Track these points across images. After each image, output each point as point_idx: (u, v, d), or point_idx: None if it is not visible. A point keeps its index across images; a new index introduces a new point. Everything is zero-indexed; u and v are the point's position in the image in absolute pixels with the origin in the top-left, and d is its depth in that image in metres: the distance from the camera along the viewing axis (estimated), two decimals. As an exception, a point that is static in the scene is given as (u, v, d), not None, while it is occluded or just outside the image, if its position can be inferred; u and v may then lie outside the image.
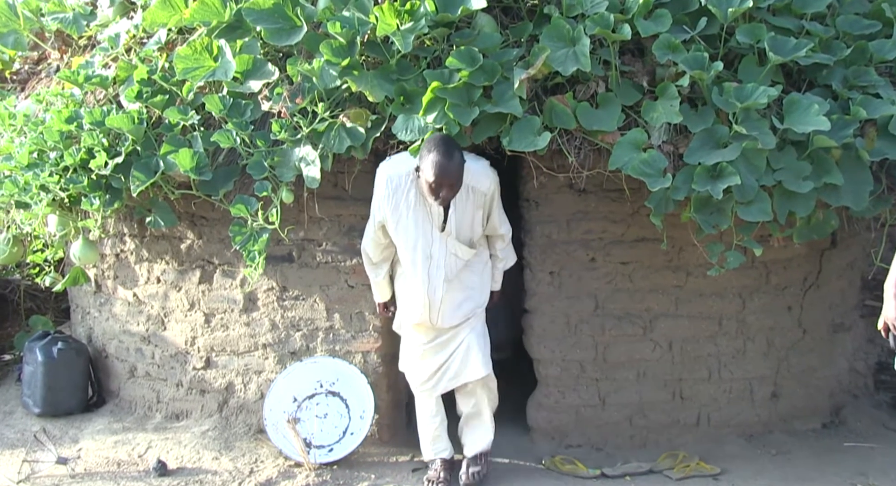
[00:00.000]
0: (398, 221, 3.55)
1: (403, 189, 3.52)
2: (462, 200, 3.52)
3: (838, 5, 3.95)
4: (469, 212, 3.56)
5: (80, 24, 4.66)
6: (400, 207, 3.53)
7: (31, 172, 4.11)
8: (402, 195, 3.52)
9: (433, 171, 3.29)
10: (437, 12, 3.60)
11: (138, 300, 4.57)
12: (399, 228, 3.55)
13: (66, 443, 4.32)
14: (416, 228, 3.54)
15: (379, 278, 3.81)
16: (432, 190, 3.34)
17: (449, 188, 3.34)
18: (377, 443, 4.15)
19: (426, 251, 3.56)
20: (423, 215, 3.53)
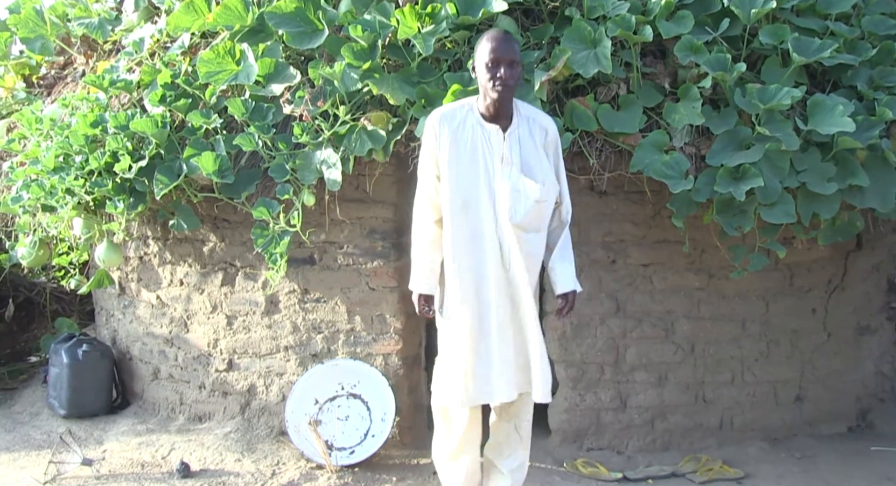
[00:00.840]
0: (458, 156, 3.11)
1: (460, 118, 3.14)
2: (522, 127, 3.15)
3: (863, 5, 3.91)
4: (530, 145, 3.15)
5: (105, 29, 4.71)
6: (458, 138, 3.11)
7: (57, 175, 4.15)
8: (459, 125, 3.13)
9: (490, 46, 3.02)
10: (457, 15, 3.61)
11: (161, 303, 4.61)
12: (458, 163, 3.11)
13: (90, 444, 4.36)
14: (476, 160, 3.11)
15: (432, 252, 3.21)
16: (490, 70, 3.01)
17: (508, 65, 3.01)
18: (398, 445, 4.16)
19: (489, 186, 3.11)
20: (483, 144, 3.11)
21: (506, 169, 3.12)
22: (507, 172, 3.11)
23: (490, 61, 3.01)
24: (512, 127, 3.12)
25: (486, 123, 3.10)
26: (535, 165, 3.14)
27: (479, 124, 3.11)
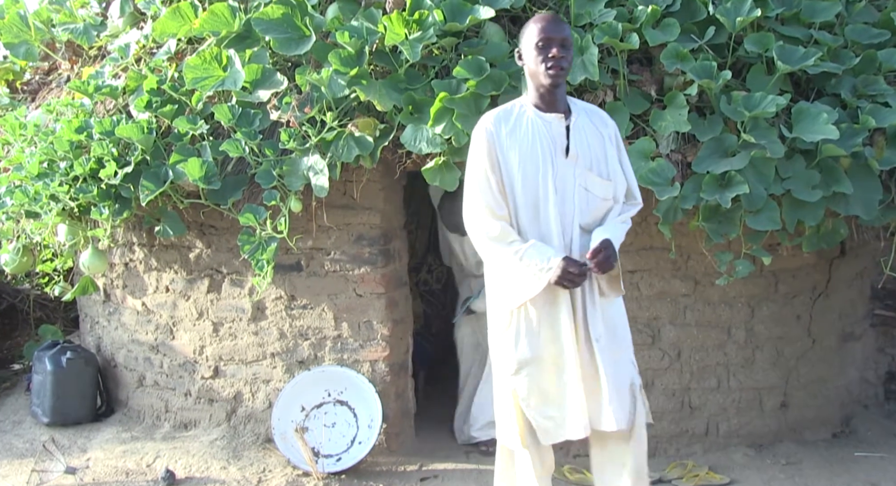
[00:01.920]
0: (520, 155, 2.80)
1: (515, 115, 2.86)
2: (582, 117, 2.89)
3: (847, 14, 3.95)
4: (595, 137, 2.88)
5: (90, 35, 4.69)
6: (517, 136, 2.82)
7: (41, 181, 4.13)
8: (516, 123, 2.84)
9: (539, 26, 2.79)
10: (445, 22, 3.62)
11: (147, 310, 4.58)
12: (522, 162, 2.79)
13: (74, 453, 4.32)
14: (537, 157, 2.80)
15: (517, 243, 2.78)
16: (541, 51, 2.76)
17: (560, 45, 2.76)
18: (385, 452, 4.14)
19: (554, 184, 2.79)
20: (544, 138, 2.81)
21: (570, 163, 2.82)
22: (572, 166, 2.82)
23: (541, 41, 2.76)
24: (573, 117, 2.86)
25: (544, 114, 2.82)
26: (602, 159, 2.87)
27: (538, 116, 2.82)
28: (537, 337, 2.80)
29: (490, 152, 2.82)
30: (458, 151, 3.56)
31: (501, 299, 2.86)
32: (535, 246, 2.75)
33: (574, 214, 2.82)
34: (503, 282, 2.84)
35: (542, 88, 2.81)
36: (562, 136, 2.82)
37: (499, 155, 2.81)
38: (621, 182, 2.92)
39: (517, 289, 2.79)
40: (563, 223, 2.81)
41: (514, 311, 2.82)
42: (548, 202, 2.80)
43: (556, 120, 2.82)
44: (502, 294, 2.85)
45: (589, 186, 2.84)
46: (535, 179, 2.79)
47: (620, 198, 2.93)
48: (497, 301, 2.89)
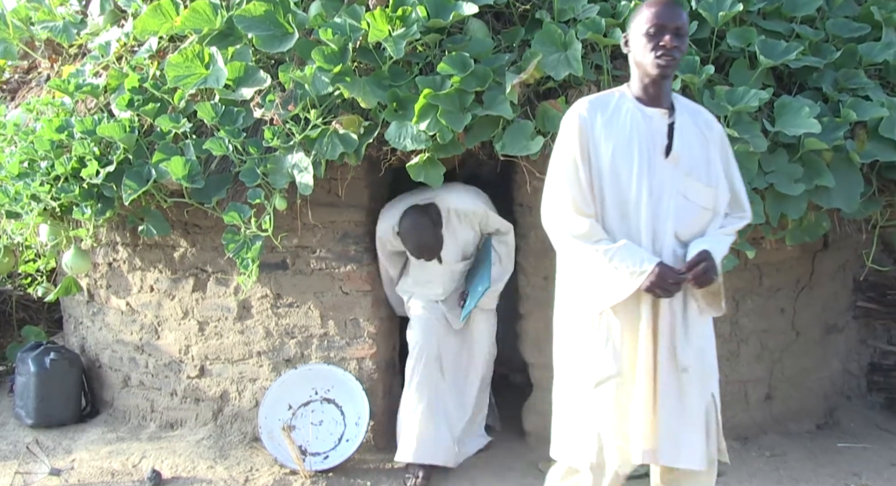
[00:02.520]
0: (614, 149, 2.54)
1: (613, 105, 2.60)
2: (684, 116, 2.62)
3: (828, 9, 3.97)
4: (697, 139, 2.62)
5: (70, 33, 4.65)
6: (613, 128, 2.55)
7: (22, 181, 4.09)
8: (613, 113, 2.57)
9: (651, 11, 2.52)
10: (428, 18, 3.61)
11: (131, 309, 4.55)
12: (615, 158, 2.53)
13: (59, 454, 4.29)
14: (632, 154, 2.54)
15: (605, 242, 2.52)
16: (651, 39, 2.50)
17: (674, 34, 2.50)
18: (373, 450, 4.14)
19: (649, 186, 2.53)
20: (643, 134, 2.55)
21: (669, 165, 2.55)
22: (671, 169, 2.55)
23: (652, 28, 2.48)
24: (676, 115, 2.59)
25: (645, 108, 2.56)
26: (703, 164, 2.59)
27: (638, 109, 2.55)
28: (620, 349, 2.55)
29: (581, 141, 2.55)
30: (443, 148, 3.56)
31: (581, 303, 2.59)
32: (627, 247, 2.48)
33: (668, 220, 2.54)
34: (585, 284, 2.56)
35: (648, 78, 2.54)
36: (662, 134, 2.55)
37: (590, 145, 2.54)
38: (724, 191, 2.64)
39: (602, 292, 2.52)
40: (655, 229, 2.53)
41: (597, 317, 2.56)
42: (640, 205, 2.52)
43: (659, 116, 2.56)
44: (583, 298, 2.58)
45: (688, 193, 2.56)
46: (627, 177, 2.52)
47: (722, 209, 2.65)
48: (575, 306, 2.62)
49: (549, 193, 2.62)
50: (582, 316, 2.60)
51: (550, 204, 2.61)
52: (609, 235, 2.54)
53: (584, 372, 2.60)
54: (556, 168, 2.60)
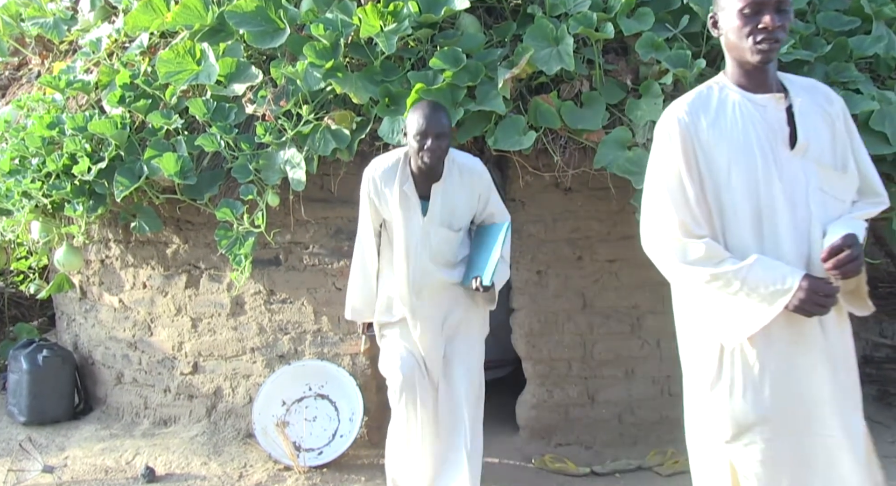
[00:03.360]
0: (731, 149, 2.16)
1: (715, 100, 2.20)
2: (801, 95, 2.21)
3: (818, 2, 3.98)
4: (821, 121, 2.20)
5: (61, 29, 4.64)
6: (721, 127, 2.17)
7: (13, 178, 4.08)
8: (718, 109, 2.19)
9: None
10: (420, 13, 3.61)
11: (124, 306, 4.54)
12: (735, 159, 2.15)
13: (52, 451, 4.28)
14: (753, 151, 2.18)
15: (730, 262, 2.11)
16: (748, 20, 2.14)
17: (775, 11, 2.13)
18: (367, 445, 4.14)
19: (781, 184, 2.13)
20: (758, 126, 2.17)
21: (797, 157, 2.16)
22: (800, 160, 2.16)
23: (747, 7, 2.10)
24: (791, 96, 2.21)
25: (754, 96, 2.16)
26: (831, 147, 2.20)
27: (746, 99, 2.16)
28: (761, 390, 2.10)
29: (686, 151, 2.14)
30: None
31: (708, 338, 2.17)
32: (761, 262, 2.05)
33: (813, 222, 2.12)
34: (711, 315, 2.14)
35: (749, 65, 2.14)
36: (782, 122, 2.14)
37: (698, 154, 2.14)
38: (854, 177, 2.21)
39: (736, 321, 2.07)
40: (797, 237, 2.11)
41: (726, 354, 2.13)
42: (775, 211, 2.11)
43: (773, 102, 2.15)
44: (710, 332, 2.16)
45: (824, 185, 2.14)
46: (753, 183, 2.11)
47: (851, 197, 2.22)
48: (701, 342, 2.20)
49: (651, 216, 2.20)
50: (710, 353, 2.16)
51: (654, 230, 2.20)
52: (736, 253, 2.11)
53: (719, 423, 2.15)
54: (657, 187, 2.19)
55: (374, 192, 3.25)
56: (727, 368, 2.13)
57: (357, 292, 3.41)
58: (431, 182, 3.21)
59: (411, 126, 3.07)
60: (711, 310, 2.13)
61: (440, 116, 3.07)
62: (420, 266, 3.24)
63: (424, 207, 3.22)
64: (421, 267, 3.25)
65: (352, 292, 3.42)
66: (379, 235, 3.35)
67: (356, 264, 3.40)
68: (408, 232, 3.21)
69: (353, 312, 3.45)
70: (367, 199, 3.27)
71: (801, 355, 2.09)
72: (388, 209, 3.24)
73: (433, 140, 3.03)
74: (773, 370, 2.09)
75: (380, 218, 3.30)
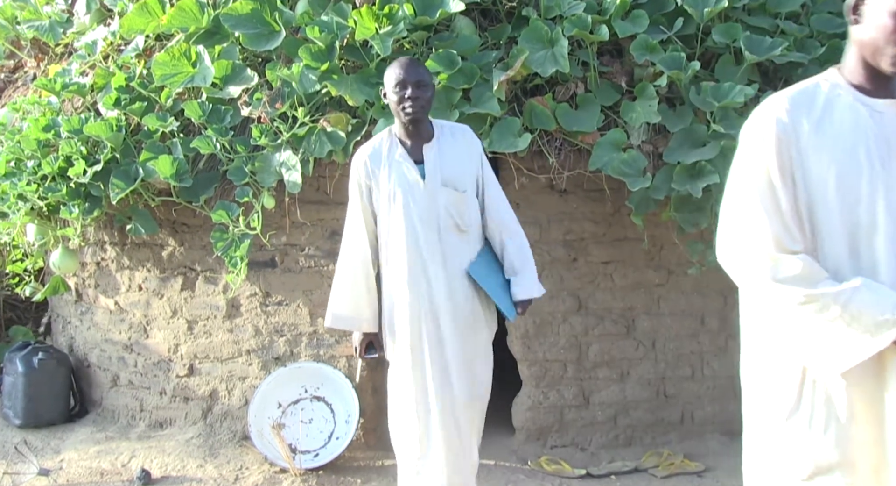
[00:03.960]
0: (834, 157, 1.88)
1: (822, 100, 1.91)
2: None
3: (812, 4, 4.00)
4: None
5: (56, 32, 4.64)
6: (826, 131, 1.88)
7: (9, 181, 4.08)
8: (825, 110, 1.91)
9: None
10: (415, 15, 3.62)
11: (120, 309, 4.54)
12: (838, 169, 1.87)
13: (48, 454, 4.28)
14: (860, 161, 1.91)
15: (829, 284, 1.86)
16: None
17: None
18: (363, 447, 4.14)
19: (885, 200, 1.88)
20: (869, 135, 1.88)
21: None
22: None
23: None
24: None
25: (871, 100, 1.89)
26: None
27: (861, 103, 1.90)
28: (846, 427, 1.85)
29: (781, 154, 1.88)
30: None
31: (783, 362, 1.93)
32: (867, 287, 1.81)
33: None
34: (796, 341, 1.89)
35: (878, 70, 1.87)
36: None
37: (795, 158, 1.88)
38: None
39: (829, 353, 1.83)
40: None
41: (807, 381, 1.89)
42: (875, 230, 1.86)
43: (894, 109, 1.89)
44: (787, 356, 1.92)
45: None
46: (855, 197, 1.87)
47: None
48: (773, 366, 1.96)
49: (735, 226, 1.94)
50: (789, 379, 1.92)
51: (737, 241, 1.94)
52: (830, 274, 1.87)
53: (795, 460, 1.92)
54: (745, 194, 1.92)
55: (365, 176, 2.98)
56: (807, 396, 1.88)
57: (343, 294, 3.05)
58: (422, 144, 2.96)
59: (389, 79, 2.89)
60: (801, 335, 1.87)
61: (417, 66, 2.91)
62: (430, 240, 2.92)
63: (422, 172, 2.94)
64: (431, 241, 2.92)
65: (336, 296, 3.08)
66: (374, 233, 3.03)
67: (343, 263, 3.06)
68: (411, 201, 2.91)
69: (334, 318, 3.09)
70: (358, 189, 3.01)
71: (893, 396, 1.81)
72: (384, 192, 2.95)
73: (413, 88, 2.84)
74: (861, 408, 1.83)
75: (372, 213, 3.01)
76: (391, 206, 2.94)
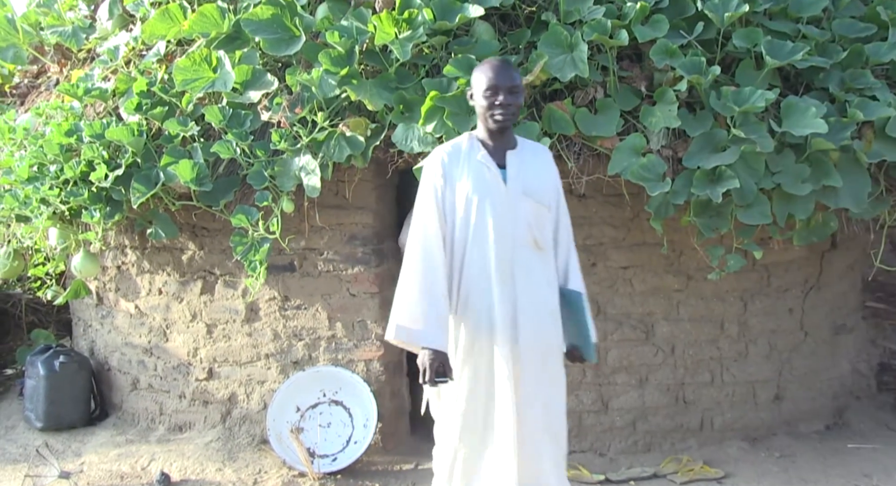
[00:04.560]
0: None
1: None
2: None
3: (834, 9, 3.97)
4: None
5: (79, 38, 4.68)
6: None
7: (32, 185, 4.11)
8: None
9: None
10: (434, 20, 3.62)
11: (140, 312, 4.57)
12: None
13: (68, 457, 4.31)
14: None
15: None
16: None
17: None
18: (381, 452, 4.14)
19: None
20: None
21: None
22: None
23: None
24: None
25: None
26: None
27: None
28: None
29: None
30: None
31: None
32: None
33: None
34: None
35: None
36: None
37: None
38: None
39: None
40: None
41: None
42: None
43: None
44: None
45: None
46: None
47: None
48: None
49: None
50: None
51: None
52: None
53: None
54: None
55: (441, 176, 2.74)
56: None
57: (411, 304, 2.68)
58: (506, 149, 2.78)
59: (480, 82, 2.72)
60: None
61: (510, 69, 2.75)
62: (507, 249, 2.71)
63: (504, 176, 2.74)
64: (509, 251, 2.71)
65: (401, 305, 2.71)
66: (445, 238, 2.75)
67: (411, 269, 2.71)
68: (488, 206, 2.70)
69: (398, 331, 2.70)
70: (433, 189, 2.75)
71: None
72: (460, 194, 2.73)
73: (505, 94, 2.68)
74: None
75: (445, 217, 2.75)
76: (466, 210, 2.72)
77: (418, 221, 2.76)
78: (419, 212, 2.78)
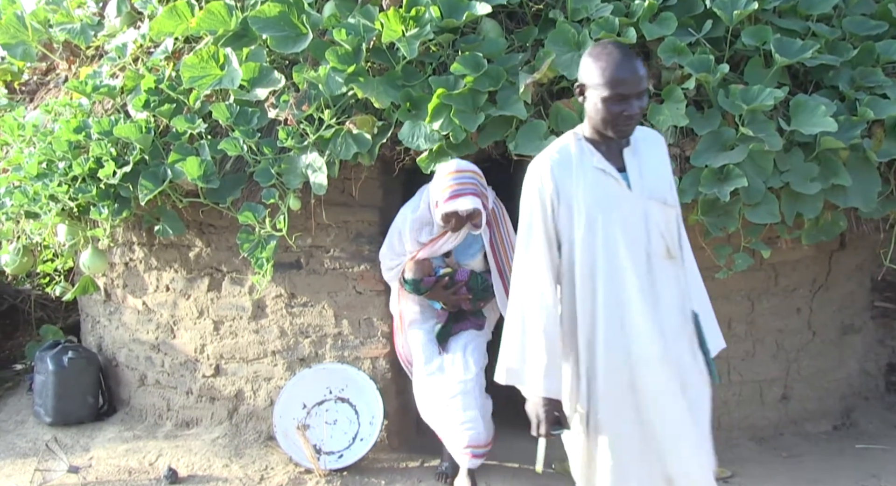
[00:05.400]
0: None
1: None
2: None
3: (844, 6, 3.94)
4: None
5: (87, 35, 4.69)
6: None
7: (40, 182, 4.13)
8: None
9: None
10: (441, 18, 3.62)
11: (147, 309, 4.59)
12: None
13: (77, 452, 4.33)
14: None
15: None
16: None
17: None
18: (387, 449, 4.15)
19: None
20: None
21: None
22: None
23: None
24: None
25: None
26: None
27: None
28: None
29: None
30: (456, 148, 3.57)
31: None
32: None
33: None
34: None
35: None
36: None
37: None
38: None
39: None
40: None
41: None
42: None
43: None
44: None
45: None
46: None
47: None
48: None
49: None
50: None
51: None
52: None
53: None
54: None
55: (552, 191, 2.34)
56: None
57: (523, 344, 2.38)
58: (621, 148, 2.40)
59: (603, 83, 2.25)
60: None
61: (638, 70, 2.26)
62: (643, 268, 2.33)
63: (626, 180, 2.36)
64: (645, 270, 2.33)
65: (510, 346, 2.41)
66: None
67: (520, 306, 2.39)
68: (616, 222, 2.32)
69: (508, 374, 2.42)
70: (541, 209, 2.37)
71: None
72: (576, 210, 2.33)
73: (637, 100, 2.25)
74: None
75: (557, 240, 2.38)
76: (589, 229, 2.33)
77: (524, 250, 2.38)
78: (525, 239, 2.38)
